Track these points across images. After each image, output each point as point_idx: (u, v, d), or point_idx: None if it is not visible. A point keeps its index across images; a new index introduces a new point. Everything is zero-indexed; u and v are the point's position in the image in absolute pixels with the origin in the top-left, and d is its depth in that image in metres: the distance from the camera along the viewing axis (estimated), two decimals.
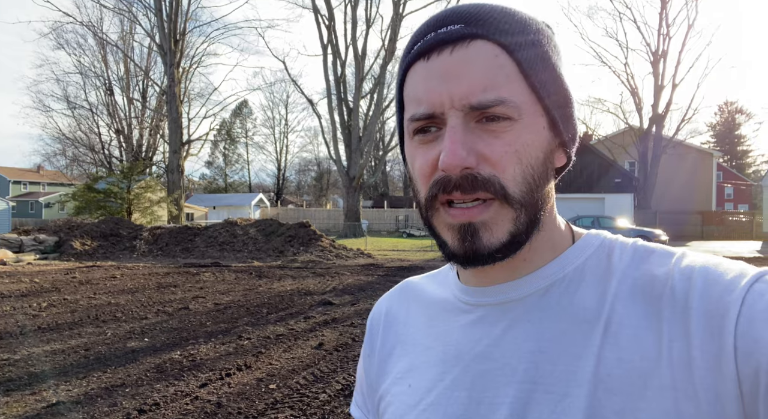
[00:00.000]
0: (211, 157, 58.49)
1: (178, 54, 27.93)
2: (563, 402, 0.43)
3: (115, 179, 22.87)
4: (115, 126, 36.58)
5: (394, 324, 0.61)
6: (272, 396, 3.84)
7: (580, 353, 0.44)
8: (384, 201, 42.39)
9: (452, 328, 0.53)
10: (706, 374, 0.39)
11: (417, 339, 0.57)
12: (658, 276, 0.45)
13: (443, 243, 0.50)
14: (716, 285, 0.42)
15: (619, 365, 0.42)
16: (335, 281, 10.09)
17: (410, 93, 0.49)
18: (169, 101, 27.38)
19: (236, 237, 16.12)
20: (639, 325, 0.43)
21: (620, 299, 0.45)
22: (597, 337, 0.44)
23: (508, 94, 0.44)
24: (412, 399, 0.53)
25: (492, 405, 0.47)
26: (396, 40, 26.69)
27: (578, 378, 0.43)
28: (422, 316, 0.58)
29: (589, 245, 0.51)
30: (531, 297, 0.49)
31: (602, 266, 0.49)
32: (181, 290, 8.87)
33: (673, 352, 0.41)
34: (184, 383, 4.15)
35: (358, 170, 26.65)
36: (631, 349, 0.43)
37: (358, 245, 18.54)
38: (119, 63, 36.89)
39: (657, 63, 28.64)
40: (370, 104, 28.25)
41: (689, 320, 0.41)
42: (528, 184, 0.46)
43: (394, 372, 0.57)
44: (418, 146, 0.49)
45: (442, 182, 0.46)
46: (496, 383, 0.47)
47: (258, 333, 5.78)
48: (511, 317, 0.49)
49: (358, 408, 0.66)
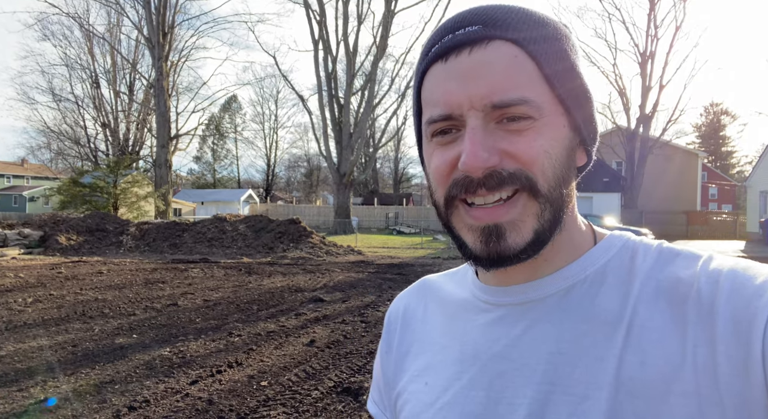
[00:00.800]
0: (199, 152, 57.98)
1: (167, 47, 27.58)
2: (583, 404, 0.43)
3: (102, 173, 22.57)
4: (102, 119, 36.05)
5: (411, 322, 0.61)
6: (264, 393, 3.83)
7: (602, 355, 0.44)
8: (374, 198, 42.36)
9: (471, 327, 0.53)
10: (732, 380, 0.38)
11: (435, 337, 0.57)
12: (684, 279, 0.44)
13: (463, 244, 0.48)
14: (744, 290, 0.41)
15: (642, 368, 0.42)
16: (326, 278, 10.07)
17: (428, 96, 0.49)
18: (157, 95, 27.04)
19: (225, 233, 16.00)
20: (663, 328, 0.43)
21: (643, 301, 0.45)
22: (619, 339, 0.43)
23: (530, 94, 0.44)
24: (429, 397, 0.53)
25: (510, 406, 0.46)
26: (387, 37, 26.62)
27: (599, 381, 0.43)
28: (440, 314, 0.58)
29: (612, 246, 0.50)
30: (552, 298, 0.48)
31: (625, 268, 0.48)
32: (169, 286, 8.79)
33: (698, 357, 0.40)
34: (174, 380, 4.11)
35: (349, 167, 26.60)
36: (654, 353, 0.42)
37: (348, 242, 18.51)
38: (106, 55, 36.35)
39: (645, 64, 28.94)
40: (361, 101, 28.18)
41: (715, 324, 0.40)
42: (556, 179, 0.46)
43: (411, 370, 0.57)
44: (436, 147, 0.48)
45: (463, 183, 0.45)
46: (515, 383, 0.47)
47: (248, 329, 5.75)
48: (531, 317, 0.48)
49: (375, 405, 0.66)
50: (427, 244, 21.20)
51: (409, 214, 35.05)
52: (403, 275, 10.78)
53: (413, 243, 21.24)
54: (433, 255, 16.11)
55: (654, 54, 28.83)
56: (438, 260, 14.29)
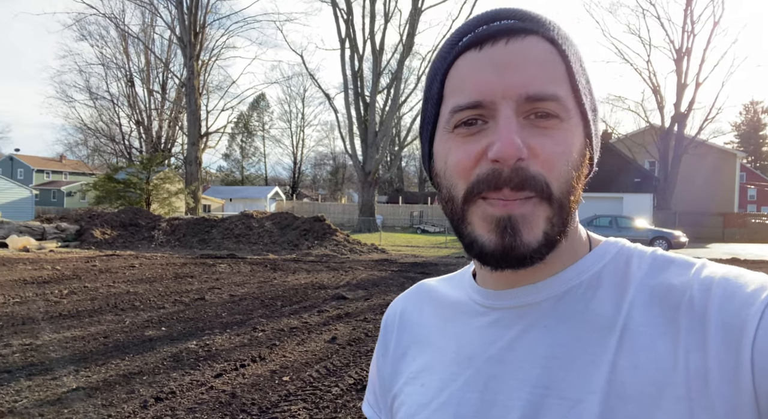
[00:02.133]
0: (228, 149, 59.04)
1: (198, 46, 28.17)
2: (576, 408, 0.43)
3: (135, 169, 23.25)
4: (136, 117, 37.12)
5: (408, 325, 0.62)
6: (285, 388, 3.89)
7: (595, 360, 0.44)
8: (399, 197, 42.37)
9: (467, 330, 0.53)
10: (723, 386, 0.39)
11: (431, 339, 0.57)
12: (677, 286, 0.45)
13: (474, 241, 0.47)
14: (736, 298, 0.41)
15: (634, 373, 0.42)
16: (349, 275, 10.13)
17: (456, 84, 0.47)
18: (188, 93, 27.66)
19: (252, 230, 16.27)
20: (655, 334, 0.43)
21: (637, 307, 0.45)
22: (612, 344, 0.44)
23: (561, 93, 0.45)
24: (424, 398, 0.53)
25: (504, 408, 0.47)
26: (414, 35, 26.53)
27: (592, 385, 0.43)
28: (437, 317, 0.58)
29: (607, 252, 0.51)
30: (547, 302, 0.49)
31: (620, 274, 0.48)
32: (197, 280, 9.00)
33: (690, 363, 0.41)
34: (199, 372, 4.22)
35: (374, 165, 26.66)
36: (646, 357, 0.42)
37: (372, 240, 18.57)
38: (140, 55, 37.40)
39: (680, 61, 28.01)
40: (387, 99, 28.18)
41: (707, 331, 0.41)
42: (568, 186, 0.46)
43: (407, 372, 0.58)
44: (457, 138, 0.47)
45: (490, 179, 0.44)
46: (509, 386, 0.47)
47: (272, 325, 5.84)
48: (527, 321, 0.49)
49: (370, 407, 0.66)
50: (451, 243, 21.07)
51: (433, 213, 34.90)
52: (427, 274, 10.75)
53: (437, 242, 21.15)
54: (457, 254, 16.01)
55: (690, 50, 27.88)
56: (462, 260, 14.18)
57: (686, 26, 27.82)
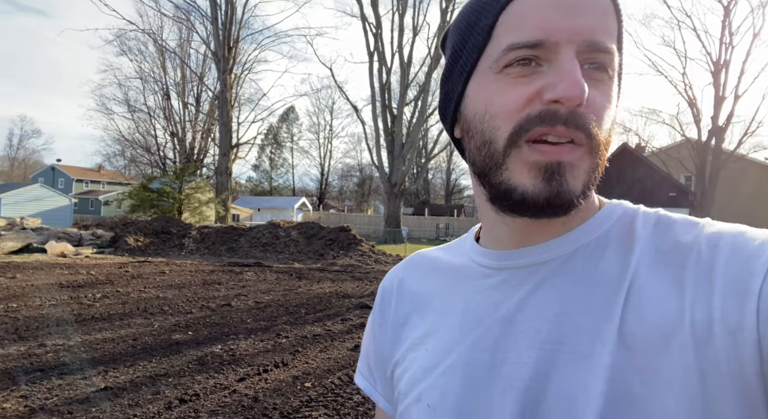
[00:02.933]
0: (257, 160, 60.27)
1: (231, 61, 29.00)
2: (587, 361, 0.43)
3: (168, 179, 23.94)
4: (170, 129, 38.34)
5: (408, 293, 0.61)
6: (307, 394, 3.88)
7: (604, 315, 0.44)
8: (425, 209, 42.24)
9: (472, 292, 0.53)
10: (727, 336, 0.39)
11: (434, 305, 0.57)
12: (684, 243, 0.45)
13: (511, 188, 0.46)
14: (743, 251, 0.42)
15: (641, 325, 0.43)
16: (373, 285, 10.11)
17: (514, 20, 0.45)
18: (221, 106, 28.43)
19: (278, 239, 16.47)
20: (662, 288, 0.43)
21: (643, 264, 0.45)
22: (620, 300, 0.44)
23: (615, 48, 0.45)
24: (429, 362, 0.52)
25: (515, 365, 0.46)
26: None
27: (603, 338, 0.43)
28: (438, 283, 0.58)
29: (613, 212, 0.51)
30: (555, 261, 0.49)
31: (626, 233, 0.49)
32: (224, 287, 9.14)
33: (695, 314, 0.41)
34: (223, 376, 4.25)
35: (400, 177, 26.71)
36: (652, 311, 0.43)
37: (397, 251, 18.52)
38: (176, 69, 38.75)
39: (718, 73, 27.19)
40: (414, 112, 28.31)
41: (713, 283, 0.41)
42: (608, 142, 0.46)
43: (410, 339, 0.57)
44: (507, 79, 0.45)
45: (546, 115, 0.43)
46: (519, 344, 0.47)
47: (296, 332, 5.86)
48: (535, 280, 0.49)
49: (363, 378, 0.66)
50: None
51: (460, 225, 34.62)
52: None
53: None
54: None
55: (728, 63, 27.03)
56: None
57: (724, 38, 27.04)
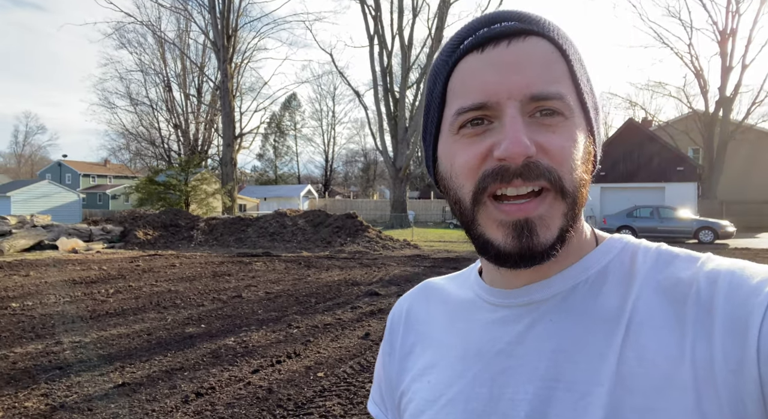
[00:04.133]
0: (261, 149, 60.23)
1: (231, 50, 28.79)
2: (584, 400, 0.44)
3: (174, 171, 24.03)
4: (174, 121, 38.35)
5: (414, 323, 0.62)
6: (320, 383, 3.95)
7: (602, 352, 0.45)
8: (430, 192, 42.14)
9: (474, 326, 0.54)
10: (729, 375, 0.39)
11: (438, 337, 0.58)
12: (683, 279, 0.45)
13: (488, 243, 0.48)
14: (742, 288, 0.42)
15: (640, 364, 0.43)
16: (381, 271, 10.17)
17: (459, 86, 0.48)
18: (223, 96, 28.32)
19: (286, 228, 16.56)
20: (662, 325, 0.43)
21: (643, 300, 0.45)
22: (619, 337, 0.44)
23: (565, 91, 0.46)
24: (431, 394, 0.54)
25: (513, 402, 0.47)
26: (443, 28, 26.24)
27: (600, 377, 0.44)
28: (443, 315, 0.59)
29: (612, 247, 0.51)
30: (555, 299, 0.49)
31: (625, 269, 0.49)
32: (234, 278, 9.24)
33: (696, 353, 0.41)
34: (237, 368, 4.33)
35: (405, 161, 26.61)
36: (652, 349, 0.43)
37: (404, 236, 18.56)
38: (176, 60, 38.57)
39: (725, 42, 26.63)
40: (417, 94, 28.07)
41: (713, 322, 0.41)
42: (579, 180, 0.47)
43: (414, 369, 0.58)
44: (462, 139, 0.48)
45: (498, 172, 0.45)
46: (517, 380, 0.48)
47: (306, 321, 5.94)
48: (534, 316, 0.49)
49: (376, 405, 0.67)
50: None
51: None
52: (459, 269, 10.63)
53: None
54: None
55: (735, 31, 26.45)
56: None
57: (730, 6, 26.41)
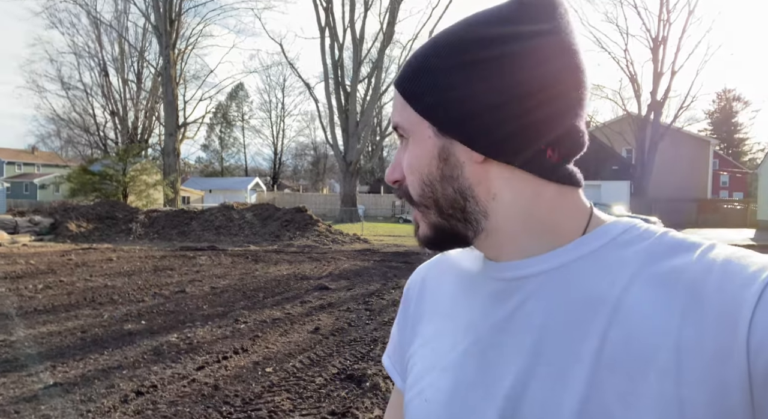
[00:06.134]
0: (207, 140, 58.11)
1: (174, 35, 27.52)
2: (564, 375, 0.45)
3: (111, 161, 22.70)
4: (110, 108, 36.16)
5: (427, 292, 0.67)
6: (269, 379, 3.88)
7: (586, 331, 0.46)
8: (381, 186, 42.30)
9: (473, 298, 0.57)
10: (715, 364, 0.40)
11: (445, 307, 0.61)
12: (679, 267, 0.46)
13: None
14: (735, 278, 0.42)
15: (624, 347, 0.44)
16: (331, 266, 10.12)
17: None
18: (165, 83, 27.05)
19: (232, 221, 16.10)
20: (650, 311, 0.44)
21: (635, 284, 0.46)
22: (604, 317, 0.46)
23: (398, 119, 0.56)
24: (431, 362, 0.58)
25: (499, 374, 0.50)
26: (394, 24, 26.32)
27: (581, 355, 0.45)
28: (453, 286, 0.62)
29: (610, 230, 0.52)
30: (544, 275, 0.51)
31: (621, 252, 0.50)
32: (177, 273, 8.89)
33: (682, 340, 0.41)
34: (181, 365, 4.18)
35: (355, 155, 26.55)
36: (638, 333, 0.43)
37: (354, 230, 18.55)
38: (114, 43, 36.34)
39: (657, 49, 28.39)
40: (368, 89, 28.01)
41: (703, 310, 0.42)
42: (425, 186, 0.54)
43: (422, 336, 0.63)
44: None
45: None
46: (504, 354, 0.50)
47: (254, 316, 5.81)
48: (525, 292, 0.52)
49: (389, 358, 0.72)
50: None
51: None
52: (409, 263, 10.80)
53: None
54: None
55: (666, 39, 28.25)
56: None
57: (662, 15, 28.15)
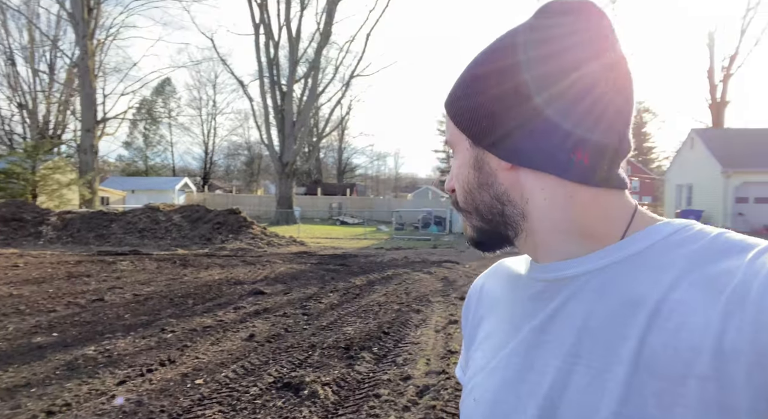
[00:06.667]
0: (129, 137, 54.61)
1: (92, 24, 25.63)
2: (602, 376, 0.46)
3: (18, 158, 20.66)
4: (18, 100, 33.04)
5: (485, 298, 0.70)
6: (198, 391, 3.65)
7: (625, 333, 0.46)
8: (318, 188, 41.88)
9: (518, 300, 0.60)
10: (755, 369, 0.39)
11: (498, 310, 0.64)
12: (728, 270, 0.44)
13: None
14: None
15: (663, 350, 0.43)
16: (267, 269, 9.82)
17: None
18: (82, 75, 25.12)
19: (158, 224, 15.20)
20: (692, 313, 0.43)
21: (679, 286, 0.46)
22: (644, 319, 0.46)
23: (447, 136, 0.63)
24: (483, 362, 0.61)
25: (539, 374, 0.52)
26: (331, 24, 26.19)
27: (619, 357, 0.46)
28: (505, 290, 0.65)
29: (659, 231, 0.52)
30: (585, 276, 0.52)
31: (669, 253, 0.49)
32: (95, 280, 8.22)
33: (723, 344, 0.41)
34: (99, 381, 3.84)
35: (292, 156, 26.08)
36: (678, 336, 0.43)
37: (290, 232, 18.18)
38: (22, 30, 33.35)
39: None
40: (305, 89, 27.62)
41: (745, 313, 0.41)
42: (466, 193, 0.59)
43: (478, 339, 0.66)
44: None
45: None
46: (545, 353, 0.52)
47: (183, 325, 5.48)
48: (566, 294, 0.53)
49: (461, 369, 0.74)
50: (371, 234, 21.25)
51: (353, 204, 34.95)
52: (347, 265, 10.72)
53: (357, 234, 21.22)
54: (376, 245, 16.17)
55: None
56: (381, 251, 14.35)
57: None
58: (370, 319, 5.90)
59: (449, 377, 3.95)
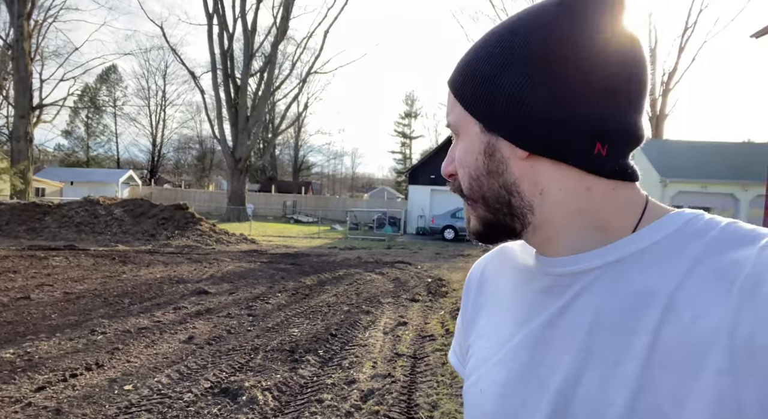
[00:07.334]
0: (69, 126, 51.51)
1: (29, 4, 23.96)
2: (615, 370, 0.46)
3: None
4: None
5: (486, 285, 0.68)
6: (127, 398, 3.40)
7: (637, 327, 0.46)
8: (272, 185, 41.04)
9: (526, 293, 0.58)
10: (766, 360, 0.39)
11: (501, 300, 0.63)
12: (738, 260, 0.44)
13: None
14: None
15: (677, 344, 0.43)
16: (213, 268, 9.45)
17: None
18: (16, 58, 23.44)
19: (98, 218, 14.35)
20: (704, 306, 0.43)
21: (691, 279, 0.45)
22: (657, 313, 0.45)
23: (451, 119, 0.58)
24: (487, 353, 0.60)
25: (551, 368, 0.51)
26: (288, 19, 25.72)
27: (632, 351, 0.45)
28: (509, 279, 0.63)
29: (670, 223, 0.51)
30: (598, 270, 0.51)
31: (679, 246, 0.48)
32: (22, 276, 7.61)
33: (736, 337, 0.40)
34: (14, 387, 3.51)
35: (245, 152, 25.39)
36: (691, 330, 0.43)
37: (241, 230, 17.66)
38: None
39: None
40: (260, 83, 26.94)
41: (756, 304, 0.40)
42: (472, 180, 0.55)
43: (478, 327, 0.64)
44: None
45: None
46: (557, 349, 0.51)
47: (116, 326, 5.13)
48: (577, 288, 0.52)
49: (455, 355, 0.73)
50: (325, 233, 21.00)
51: (307, 203, 34.48)
52: (298, 265, 10.49)
53: (310, 232, 20.92)
54: (329, 245, 15.97)
55: None
56: (334, 250, 14.17)
57: None
58: (318, 320, 5.76)
59: (395, 380, 3.88)
